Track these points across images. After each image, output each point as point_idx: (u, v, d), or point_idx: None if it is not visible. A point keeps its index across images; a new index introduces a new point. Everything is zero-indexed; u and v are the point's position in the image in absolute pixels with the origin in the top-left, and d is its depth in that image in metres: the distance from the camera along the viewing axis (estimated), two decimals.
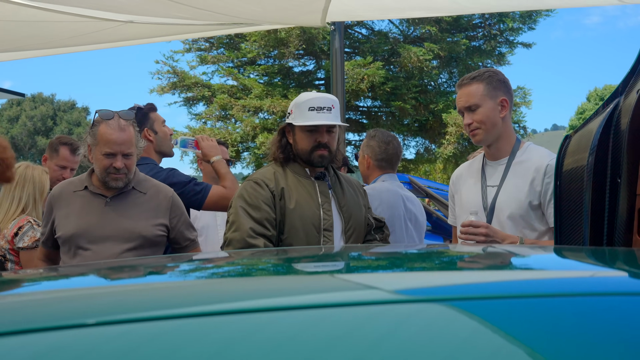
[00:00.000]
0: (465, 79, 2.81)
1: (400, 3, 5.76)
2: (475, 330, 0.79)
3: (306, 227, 2.78)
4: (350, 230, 2.90)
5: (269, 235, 2.74)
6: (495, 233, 2.57)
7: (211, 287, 1.11)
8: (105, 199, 2.89)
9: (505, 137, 2.79)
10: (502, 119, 2.75)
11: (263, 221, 2.75)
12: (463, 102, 2.78)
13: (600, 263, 1.31)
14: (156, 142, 3.53)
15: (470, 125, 2.77)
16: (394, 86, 15.42)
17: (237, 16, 5.17)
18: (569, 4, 5.95)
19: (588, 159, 1.85)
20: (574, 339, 0.76)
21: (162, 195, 2.99)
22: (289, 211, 2.78)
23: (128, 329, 0.79)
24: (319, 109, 2.83)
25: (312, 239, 2.78)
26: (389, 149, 3.78)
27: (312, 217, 2.80)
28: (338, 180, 3.01)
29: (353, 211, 2.94)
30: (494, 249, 1.73)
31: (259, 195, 2.79)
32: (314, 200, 2.84)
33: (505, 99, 2.75)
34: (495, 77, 2.77)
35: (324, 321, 0.81)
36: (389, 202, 3.63)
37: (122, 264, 1.65)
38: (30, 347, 0.75)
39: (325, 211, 2.83)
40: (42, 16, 4.81)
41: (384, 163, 3.78)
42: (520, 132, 17.32)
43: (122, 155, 2.83)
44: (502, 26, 16.44)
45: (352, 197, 2.99)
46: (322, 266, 1.40)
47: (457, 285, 1.04)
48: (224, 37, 16.57)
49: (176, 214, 2.99)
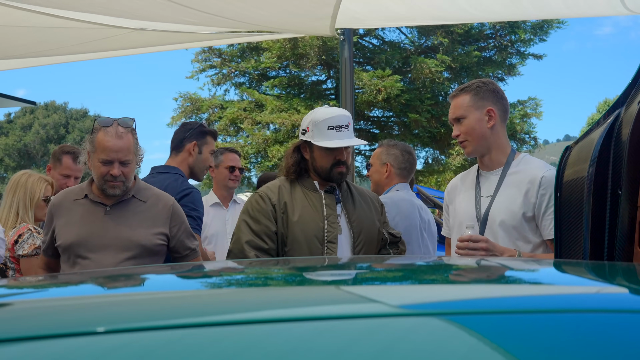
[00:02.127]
0: (456, 90, 2.83)
1: (409, 11, 5.77)
2: (474, 346, 0.78)
3: (309, 239, 2.80)
4: (360, 244, 2.91)
5: (265, 248, 2.80)
6: (494, 247, 2.55)
7: (211, 298, 1.10)
8: (105, 208, 2.88)
9: (497, 147, 2.76)
10: (491, 129, 2.73)
11: (261, 234, 2.81)
12: (451, 114, 2.80)
13: (601, 279, 1.30)
14: (194, 160, 3.54)
15: (458, 137, 2.77)
16: (409, 98, 15.42)
17: (245, 22, 5.19)
18: (579, 13, 5.93)
19: (588, 170, 1.84)
20: (574, 356, 0.75)
21: (162, 203, 2.97)
22: (292, 224, 2.82)
23: (132, 339, 0.78)
24: (338, 127, 2.87)
25: (315, 250, 2.80)
26: (411, 159, 3.83)
27: (315, 229, 2.82)
28: (350, 194, 3.02)
29: (364, 225, 2.94)
30: (493, 263, 1.72)
31: (260, 209, 2.85)
32: (318, 212, 2.86)
33: (492, 109, 2.72)
34: (484, 88, 2.75)
35: (325, 333, 0.80)
36: (406, 212, 3.64)
37: (120, 273, 1.65)
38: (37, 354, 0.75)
39: (330, 223, 2.85)
40: (52, 22, 4.86)
41: (405, 172, 3.79)
42: (531, 143, 17.26)
43: (119, 162, 2.81)
44: (514, 37, 16.40)
45: (364, 211, 3.00)
46: (324, 278, 1.39)
47: (458, 299, 1.03)
48: (237, 51, 16.64)
49: (176, 223, 2.97)
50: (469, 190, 2.83)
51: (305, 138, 2.94)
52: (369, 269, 1.53)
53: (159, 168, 3.54)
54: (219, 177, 4.46)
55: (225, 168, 4.40)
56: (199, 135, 3.53)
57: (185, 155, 3.51)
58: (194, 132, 3.51)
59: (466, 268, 1.49)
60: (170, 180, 3.36)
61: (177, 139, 3.56)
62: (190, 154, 3.51)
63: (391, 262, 1.78)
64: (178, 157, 3.53)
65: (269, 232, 2.81)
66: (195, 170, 3.57)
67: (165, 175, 3.41)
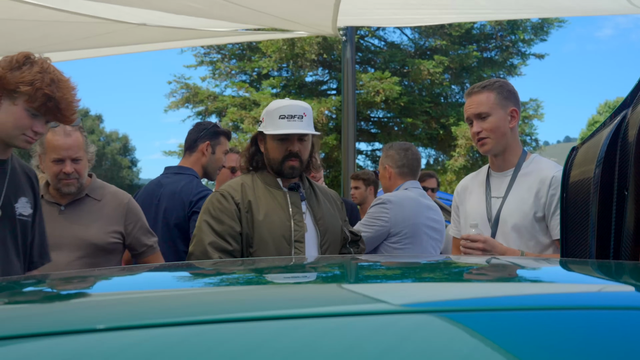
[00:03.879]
0: (476, 87, 2.79)
1: (411, 9, 5.76)
2: (479, 343, 0.78)
3: (276, 239, 2.68)
4: (326, 243, 2.80)
5: (229, 250, 2.65)
6: (494, 247, 2.54)
7: (213, 297, 1.10)
8: (59, 207, 2.92)
9: (512, 148, 2.77)
10: (511, 129, 2.74)
11: (225, 235, 2.66)
12: (473, 109, 2.75)
13: (606, 276, 1.30)
14: (208, 159, 3.55)
15: (479, 133, 2.74)
16: (407, 101, 15.40)
17: (248, 20, 5.18)
18: (583, 11, 5.92)
19: (595, 171, 1.83)
20: (579, 353, 0.75)
21: (117, 201, 2.99)
22: (258, 223, 2.68)
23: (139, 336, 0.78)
24: (290, 117, 2.73)
25: (282, 250, 2.67)
26: (409, 154, 3.78)
27: (282, 228, 2.70)
28: (313, 192, 2.92)
29: (329, 224, 2.85)
30: (498, 261, 1.71)
31: (223, 209, 2.70)
32: (284, 211, 2.74)
33: (515, 109, 2.74)
34: (506, 88, 2.76)
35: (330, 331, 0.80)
36: (410, 212, 3.61)
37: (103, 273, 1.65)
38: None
39: (296, 222, 2.73)
40: (56, 16, 4.86)
41: (405, 169, 3.76)
42: (532, 144, 17.25)
43: (70, 160, 2.86)
44: (514, 37, 16.39)
45: (328, 210, 2.90)
46: (328, 277, 1.39)
47: (462, 297, 1.03)
48: (237, 49, 16.62)
49: (132, 220, 2.99)
50: (480, 191, 2.82)
51: (259, 128, 2.83)
52: (364, 268, 1.52)
53: (172, 168, 3.56)
54: (221, 177, 4.46)
55: (227, 168, 4.40)
56: (212, 136, 3.55)
57: (199, 156, 3.53)
58: (207, 133, 3.53)
59: (468, 266, 1.49)
60: (185, 182, 3.37)
61: (190, 139, 3.58)
62: (204, 154, 3.53)
63: (391, 261, 1.77)
64: (192, 157, 3.55)
65: (233, 233, 2.66)
66: (208, 170, 3.58)
67: (180, 176, 3.43)
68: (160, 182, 3.45)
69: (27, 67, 2.27)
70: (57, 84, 2.29)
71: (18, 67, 2.26)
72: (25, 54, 2.32)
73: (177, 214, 3.31)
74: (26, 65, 2.28)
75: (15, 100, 2.26)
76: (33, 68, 2.27)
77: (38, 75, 2.24)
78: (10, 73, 2.25)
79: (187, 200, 3.30)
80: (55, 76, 2.30)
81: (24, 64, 2.28)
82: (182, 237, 3.31)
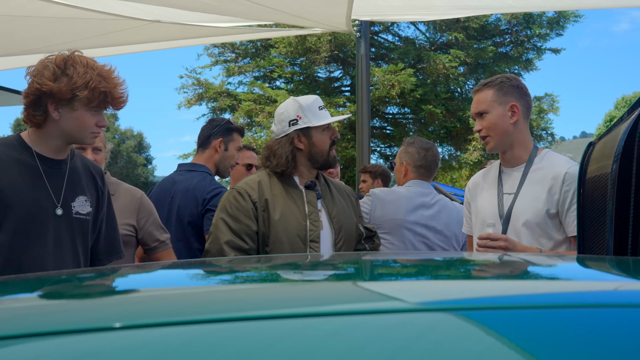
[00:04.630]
0: (479, 85, 2.80)
1: (426, 3, 5.74)
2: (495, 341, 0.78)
3: (291, 238, 2.68)
4: (341, 241, 2.81)
5: (246, 249, 2.65)
6: (514, 245, 2.52)
7: (226, 294, 1.10)
8: None
9: (520, 143, 2.74)
10: (514, 125, 2.70)
11: (241, 234, 2.66)
12: (474, 108, 2.78)
13: (626, 274, 1.28)
14: (220, 156, 3.54)
15: (480, 132, 2.75)
16: (423, 92, 15.33)
17: (261, 10, 5.16)
18: (598, 4, 5.86)
19: (612, 167, 1.81)
20: (597, 351, 0.74)
21: (130, 196, 3.01)
22: (274, 222, 2.68)
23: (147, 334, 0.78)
24: (323, 107, 2.85)
25: (297, 250, 2.67)
26: (428, 156, 3.71)
27: (298, 228, 2.69)
28: (329, 189, 2.92)
29: (344, 221, 2.85)
30: (516, 258, 1.70)
31: (239, 207, 2.70)
32: (300, 210, 2.74)
33: (515, 104, 2.70)
34: (508, 83, 2.73)
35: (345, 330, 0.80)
36: (392, 208, 3.56)
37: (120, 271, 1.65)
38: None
39: (312, 222, 2.73)
40: (69, 13, 4.88)
41: (422, 170, 3.69)
42: (548, 139, 17.15)
43: (92, 149, 2.90)
44: (530, 32, 16.27)
45: (342, 207, 2.91)
46: (342, 274, 1.38)
47: (480, 295, 1.02)
48: (250, 47, 16.65)
49: (144, 215, 3.00)
50: (491, 188, 2.80)
51: (301, 126, 2.79)
52: (379, 265, 1.51)
53: (185, 166, 3.56)
54: (236, 174, 4.47)
55: (242, 166, 4.41)
56: (225, 132, 3.54)
57: (212, 152, 3.52)
58: (220, 129, 3.53)
59: (486, 264, 1.48)
60: (199, 179, 3.37)
61: (203, 135, 3.57)
62: (217, 151, 3.52)
63: (404, 258, 1.76)
64: (205, 154, 3.54)
65: (250, 232, 2.67)
66: (220, 167, 3.58)
67: (193, 174, 3.43)
68: (174, 180, 3.45)
69: (73, 70, 2.18)
70: (104, 76, 2.24)
71: (63, 74, 2.18)
72: (62, 58, 2.22)
73: (191, 211, 3.31)
74: (69, 68, 2.19)
75: (74, 106, 2.22)
76: (78, 69, 2.19)
77: (87, 76, 2.18)
78: (59, 83, 2.18)
79: (200, 198, 3.30)
80: (99, 70, 2.24)
81: (66, 67, 2.20)
82: (195, 235, 3.31)
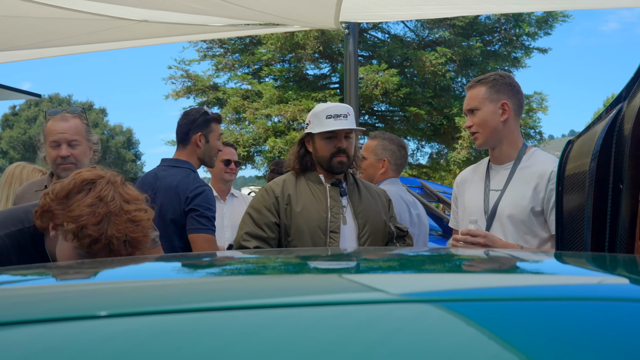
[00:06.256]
0: (473, 82, 2.83)
1: (414, 4, 5.76)
2: (475, 333, 0.79)
3: (312, 229, 2.88)
4: (365, 235, 2.96)
5: (264, 237, 2.90)
6: (494, 242, 2.55)
7: (212, 284, 1.11)
8: None
9: (510, 141, 2.77)
10: (504, 122, 2.73)
11: (261, 224, 2.92)
12: (466, 104, 2.81)
13: (601, 269, 1.31)
14: (202, 150, 3.50)
15: (470, 127, 2.78)
16: (407, 92, 15.37)
17: (250, 14, 5.18)
18: (587, 5, 5.90)
19: (590, 165, 1.84)
20: (572, 341, 0.76)
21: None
22: (295, 214, 2.90)
23: (132, 324, 0.80)
24: (336, 116, 2.96)
25: (318, 240, 2.86)
26: (404, 154, 3.87)
27: (318, 219, 2.90)
28: (357, 188, 3.09)
29: (370, 217, 3.00)
30: (495, 253, 1.72)
31: (263, 201, 2.97)
32: (322, 204, 2.94)
33: (506, 102, 2.73)
34: (501, 81, 2.76)
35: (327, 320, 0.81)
36: (395, 208, 3.59)
37: (118, 261, 1.67)
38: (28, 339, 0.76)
39: (333, 214, 2.92)
40: (58, 14, 4.87)
41: (400, 167, 3.82)
42: (537, 138, 17.20)
43: (66, 143, 2.86)
44: (519, 30, 16.32)
45: (370, 204, 3.06)
46: (326, 266, 1.40)
47: (459, 287, 1.03)
48: (239, 43, 16.61)
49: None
50: (479, 184, 2.83)
51: (307, 130, 3.03)
52: (364, 259, 1.54)
53: (168, 161, 3.49)
54: (215, 170, 4.44)
55: (220, 161, 4.36)
56: (203, 125, 3.49)
57: (193, 148, 3.47)
58: (197, 123, 3.48)
59: (466, 258, 1.50)
60: (182, 176, 3.32)
61: (181, 131, 3.51)
62: (198, 146, 3.47)
63: (391, 253, 1.78)
64: (186, 149, 3.50)
65: (269, 222, 2.91)
66: (205, 160, 3.54)
67: (176, 170, 3.38)
68: (157, 175, 3.38)
69: (80, 196, 1.82)
70: (115, 218, 1.81)
71: (72, 194, 1.83)
72: (86, 177, 1.85)
73: (174, 209, 3.27)
74: (82, 191, 1.83)
75: (65, 236, 1.83)
76: (85, 198, 1.81)
77: (88, 209, 1.79)
78: (58, 204, 1.84)
79: (183, 196, 3.25)
80: (115, 208, 1.82)
81: (81, 190, 1.83)
82: (177, 233, 3.26)
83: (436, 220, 6.33)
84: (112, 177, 1.87)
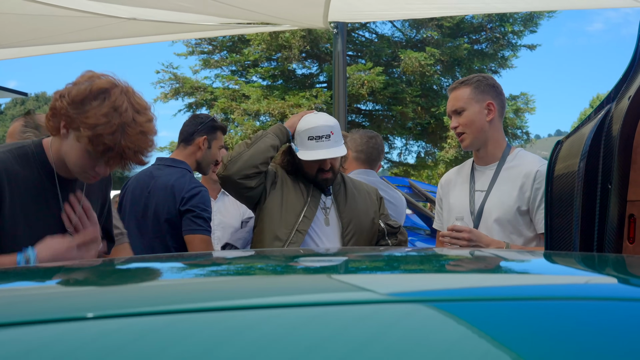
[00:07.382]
0: (456, 83, 2.83)
1: (401, 3, 5.77)
2: (464, 332, 0.79)
3: (283, 214, 2.89)
4: (349, 234, 2.94)
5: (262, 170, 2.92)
6: (480, 238, 2.55)
7: (202, 285, 1.11)
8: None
9: (494, 141, 2.77)
10: (489, 122, 2.74)
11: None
12: (450, 105, 2.80)
13: (589, 268, 1.32)
14: (203, 154, 3.47)
15: (456, 128, 2.78)
16: (394, 91, 15.41)
17: (239, 12, 5.17)
18: (571, 5, 5.93)
19: (579, 165, 1.85)
20: (561, 341, 0.76)
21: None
22: (273, 193, 2.94)
23: (122, 324, 0.79)
24: (318, 138, 2.90)
25: (282, 229, 2.88)
26: (371, 142, 3.73)
27: (293, 210, 2.91)
28: (344, 186, 3.07)
29: (354, 216, 2.98)
30: (482, 253, 1.73)
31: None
32: (298, 198, 2.95)
33: (492, 102, 2.74)
34: (485, 82, 2.77)
35: (315, 320, 0.81)
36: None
37: (111, 262, 1.66)
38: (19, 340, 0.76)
39: (310, 207, 2.93)
40: (46, 11, 4.83)
41: (362, 155, 3.71)
42: (523, 138, 17.30)
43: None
44: (504, 29, 16.38)
45: (355, 203, 3.04)
46: (313, 266, 1.40)
47: (447, 287, 1.04)
48: (227, 41, 16.58)
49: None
50: (464, 185, 2.84)
51: (292, 143, 3.01)
52: (351, 259, 1.54)
53: (165, 160, 3.46)
54: None
55: None
56: (210, 130, 3.47)
57: (194, 149, 3.45)
58: (204, 127, 3.45)
59: (454, 258, 1.50)
60: (178, 176, 3.29)
61: (187, 131, 3.48)
62: (200, 148, 3.45)
63: (375, 253, 1.79)
64: (186, 150, 3.46)
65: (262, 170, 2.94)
66: (202, 164, 3.51)
67: (172, 169, 3.35)
68: (152, 174, 3.34)
69: (96, 104, 1.91)
70: (127, 129, 1.93)
71: (86, 101, 1.92)
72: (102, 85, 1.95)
73: (169, 208, 3.24)
74: (97, 99, 1.92)
75: (79, 137, 1.94)
76: (102, 107, 1.91)
77: (103, 118, 1.90)
78: (74, 109, 1.93)
79: (179, 196, 3.23)
80: (127, 119, 1.94)
81: (95, 98, 1.92)
82: (172, 233, 3.24)
83: (424, 219, 6.33)
84: (125, 86, 2.00)
